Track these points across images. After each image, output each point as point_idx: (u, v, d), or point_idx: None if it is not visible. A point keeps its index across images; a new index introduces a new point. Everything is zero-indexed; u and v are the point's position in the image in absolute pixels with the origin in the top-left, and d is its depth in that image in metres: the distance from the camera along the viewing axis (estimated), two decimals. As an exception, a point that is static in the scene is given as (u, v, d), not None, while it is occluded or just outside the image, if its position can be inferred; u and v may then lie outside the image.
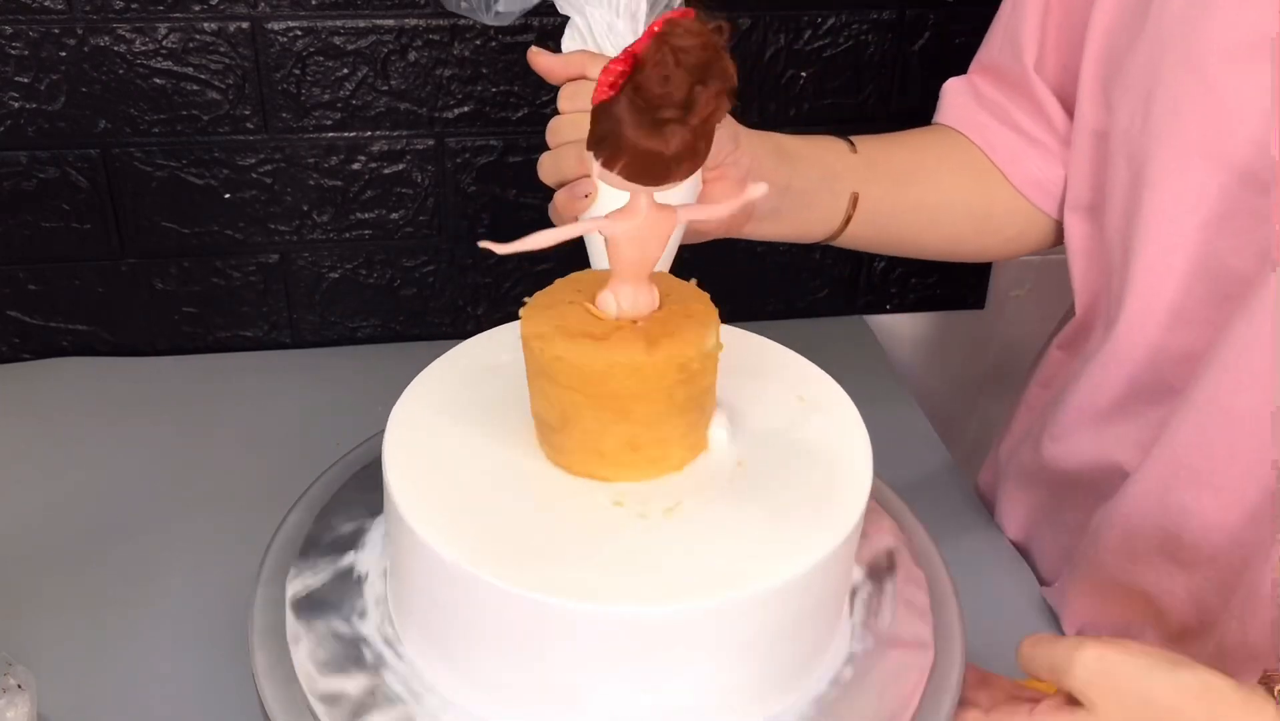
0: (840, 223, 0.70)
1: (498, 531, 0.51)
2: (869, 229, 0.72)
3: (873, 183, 0.71)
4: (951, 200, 0.74)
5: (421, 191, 0.97)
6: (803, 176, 0.68)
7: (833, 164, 0.70)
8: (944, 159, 0.75)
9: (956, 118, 0.77)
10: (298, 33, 0.89)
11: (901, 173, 0.73)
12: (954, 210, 0.75)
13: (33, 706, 0.58)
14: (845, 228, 0.71)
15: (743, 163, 0.63)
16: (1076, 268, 0.74)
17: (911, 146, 0.75)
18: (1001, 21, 0.76)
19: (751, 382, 0.59)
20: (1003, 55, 0.75)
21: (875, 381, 1.01)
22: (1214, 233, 0.63)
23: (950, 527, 0.74)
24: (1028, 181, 0.74)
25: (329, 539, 0.63)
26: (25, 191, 0.91)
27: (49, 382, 0.95)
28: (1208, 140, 0.61)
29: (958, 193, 0.75)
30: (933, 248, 0.77)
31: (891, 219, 0.73)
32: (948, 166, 0.75)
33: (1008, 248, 0.78)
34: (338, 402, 0.89)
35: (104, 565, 0.77)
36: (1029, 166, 0.74)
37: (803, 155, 0.68)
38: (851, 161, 0.71)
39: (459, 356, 0.62)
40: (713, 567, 0.50)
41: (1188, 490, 0.65)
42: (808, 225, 0.70)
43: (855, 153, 0.71)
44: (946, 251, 0.78)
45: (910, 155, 0.75)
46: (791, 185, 0.67)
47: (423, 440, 0.56)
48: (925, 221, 0.74)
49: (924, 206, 0.74)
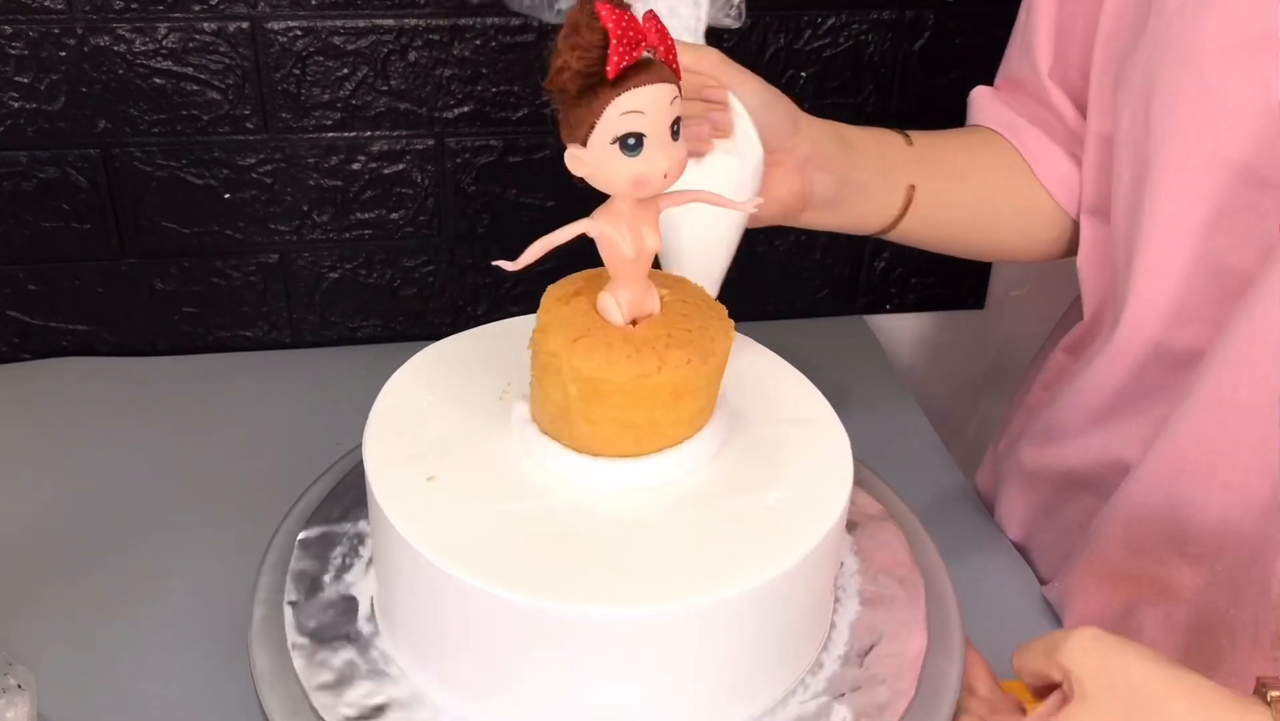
0: (896, 214, 0.71)
1: (481, 534, 0.51)
2: (923, 224, 0.72)
3: (928, 177, 0.71)
4: (1001, 200, 0.75)
5: (421, 191, 0.97)
6: (861, 167, 0.68)
7: (891, 156, 0.70)
8: (991, 158, 0.76)
9: (990, 118, 0.77)
10: (298, 33, 0.89)
11: (955, 169, 0.74)
12: (1003, 210, 0.75)
13: (33, 706, 0.58)
14: (900, 220, 0.71)
15: (801, 149, 0.64)
16: (1086, 272, 0.74)
17: (962, 144, 0.76)
18: (1018, 33, 0.77)
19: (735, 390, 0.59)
20: (1020, 67, 0.76)
21: (875, 381, 1.01)
22: (1214, 230, 0.63)
23: (950, 527, 0.74)
24: (1053, 180, 0.74)
25: (328, 539, 0.63)
26: (25, 191, 0.91)
27: (49, 382, 0.95)
28: (1206, 138, 0.61)
29: (1006, 192, 0.75)
30: (982, 247, 0.77)
31: (945, 213, 0.73)
32: (995, 165, 0.75)
33: (1045, 250, 0.78)
34: (338, 402, 0.88)
35: (104, 565, 0.77)
36: (1055, 166, 0.74)
37: (861, 144, 0.69)
38: (908, 154, 0.71)
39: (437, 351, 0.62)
40: (694, 570, 0.50)
41: (1192, 484, 0.65)
42: (864, 216, 0.70)
43: (910, 145, 0.72)
44: (993, 251, 0.78)
45: (963, 153, 0.75)
46: (850, 175, 0.67)
47: (404, 437, 0.56)
48: (976, 218, 0.75)
49: (977, 203, 0.74)
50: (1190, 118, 0.62)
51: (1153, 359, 0.68)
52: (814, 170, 0.65)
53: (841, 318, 1.10)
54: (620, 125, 0.47)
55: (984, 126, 0.77)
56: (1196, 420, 0.64)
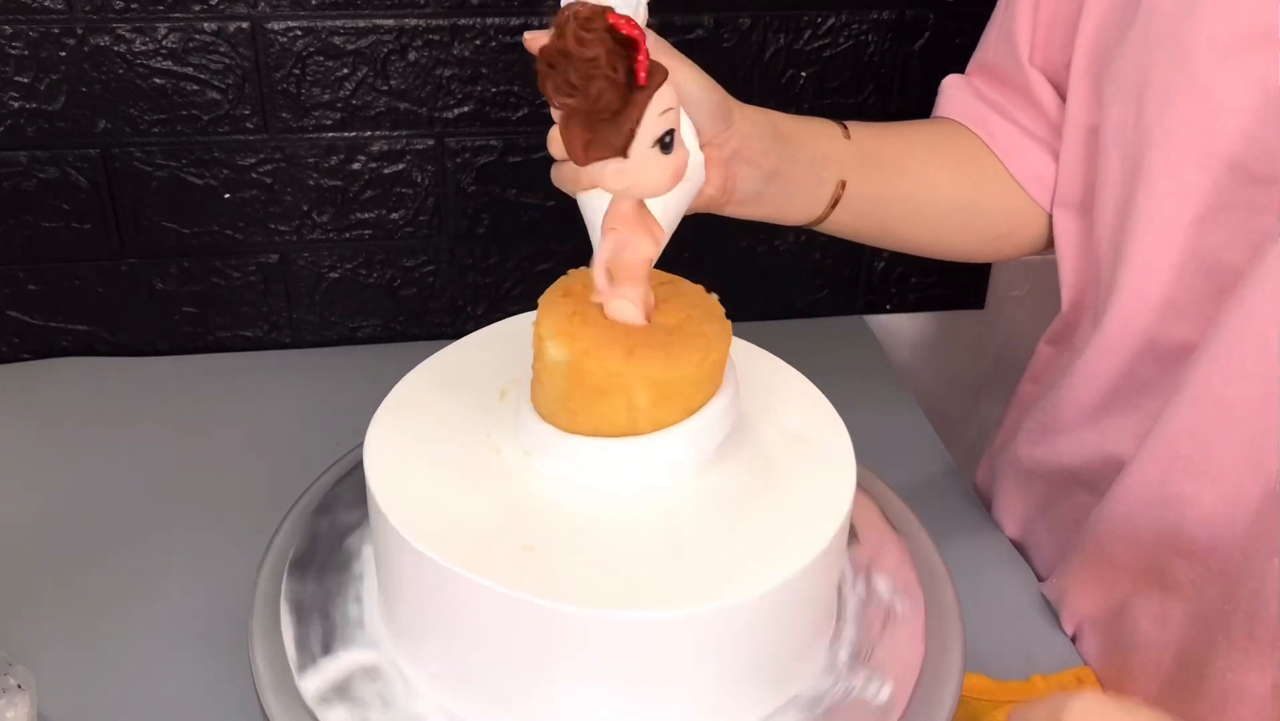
0: (824, 208, 0.69)
1: (482, 533, 0.51)
2: (852, 216, 0.71)
3: (861, 170, 0.70)
4: (939, 193, 0.74)
5: (421, 191, 0.97)
6: (792, 160, 0.67)
7: (825, 149, 0.69)
8: (936, 150, 0.75)
9: (957, 110, 0.76)
10: (298, 33, 0.89)
11: (891, 161, 0.72)
12: (940, 204, 0.74)
13: (33, 706, 0.58)
14: (829, 214, 0.70)
15: (731, 143, 0.63)
16: (1065, 265, 0.74)
17: (904, 136, 0.75)
18: (995, 21, 0.76)
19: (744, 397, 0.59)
20: (998, 54, 0.75)
21: (875, 381, 1.01)
22: (1206, 225, 0.63)
23: (949, 526, 0.74)
24: (1027, 174, 0.74)
25: (328, 539, 0.63)
26: (25, 191, 0.91)
27: (49, 383, 0.95)
28: (1199, 134, 0.61)
29: (946, 185, 0.74)
30: (916, 241, 0.76)
31: (876, 206, 0.72)
32: (939, 158, 0.74)
33: (995, 246, 0.77)
34: (338, 403, 0.89)
35: (104, 565, 0.77)
36: (1028, 159, 0.74)
37: (796, 137, 0.67)
38: (844, 148, 0.70)
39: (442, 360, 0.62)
40: (699, 574, 0.50)
41: (1185, 480, 0.65)
42: (792, 209, 0.69)
43: (848, 139, 0.70)
44: (930, 246, 0.77)
45: (902, 144, 0.74)
46: (780, 170, 0.66)
47: (406, 441, 0.56)
48: (910, 212, 0.73)
49: (910, 197, 0.73)
50: (1183, 113, 0.62)
51: (1144, 354, 0.69)
52: (740, 164, 0.64)
53: (841, 317, 1.10)
54: (660, 125, 0.46)
55: (948, 119, 0.77)
56: (1188, 415, 0.64)
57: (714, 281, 0.56)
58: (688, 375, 0.52)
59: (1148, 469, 0.67)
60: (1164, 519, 0.67)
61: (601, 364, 0.51)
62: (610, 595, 0.49)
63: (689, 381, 0.52)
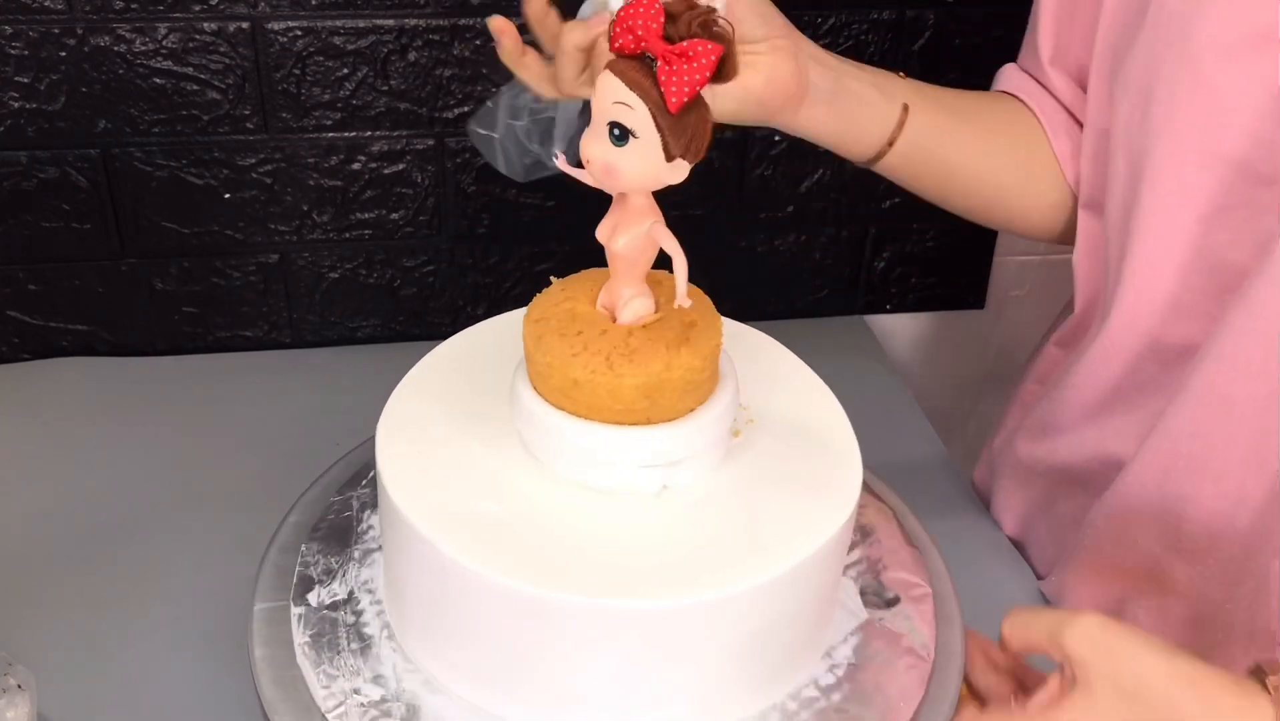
0: (892, 129, 0.68)
1: (491, 526, 0.51)
2: (918, 152, 0.70)
3: (924, 104, 0.70)
4: (998, 147, 0.73)
5: (421, 191, 0.97)
6: (857, 78, 0.67)
7: (887, 79, 0.69)
8: (992, 111, 0.74)
9: (1014, 85, 0.76)
10: (298, 33, 0.89)
11: (951, 108, 0.72)
12: (1000, 158, 0.73)
13: (33, 706, 0.58)
14: (898, 138, 0.69)
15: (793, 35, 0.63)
16: (1081, 266, 0.74)
17: (960, 94, 0.75)
18: (1030, 27, 0.76)
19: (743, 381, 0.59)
20: (1026, 56, 0.76)
21: (875, 381, 1.01)
22: (1211, 225, 0.63)
23: (949, 525, 0.74)
24: (1065, 154, 0.74)
25: (329, 539, 0.63)
26: (25, 191, 0.91)
27: (49, 382, 0.95)
28: (1204, 134, 0.62)
29: (1004, 141, 0.73)
30: (976, 195, 0.75)
31: (940, 145, 0.71)
32: (995, 118, 0.74)
33: (1044, 218, 0.76)
34: (338, 402, 0.89)
35: (104, 565, 0.77)
36: (1064, 142, 0.74)
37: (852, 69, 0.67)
38: (904, 85, 0.70)
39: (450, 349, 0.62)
40: (703, 563, 0.51)
41: (1186, 479, 0.65)
42: (860, 125, 0.68)
43: (906, 80, 0.71)
44: (987, 203, 0.75)
45: (959, 99, 0.74)
46: (845, 77, 0.66)
47: (415, 436, 0.56)
48: (972, 159, 0.73)
49: (973, 145, 0.72)
50: (1189, 113, 0.62)
51: (1147, 353, 0.69)
52: (810, 62, 0.64)
53: (841, 317, 1.11)
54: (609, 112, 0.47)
55: (1003, 93, 0.77)
56: (1191, 414, 0.64)
57: (714, 281, 0.56)
58: (686, 370, 0.52)
59: (1148, 468, 0.67)
60: (1164, 518, 0.67)
61: (592, 374, 0.51)
62: (616, 585, 0.49)
63: (688, 374, 0.52)
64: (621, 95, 0.46)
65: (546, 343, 0.52)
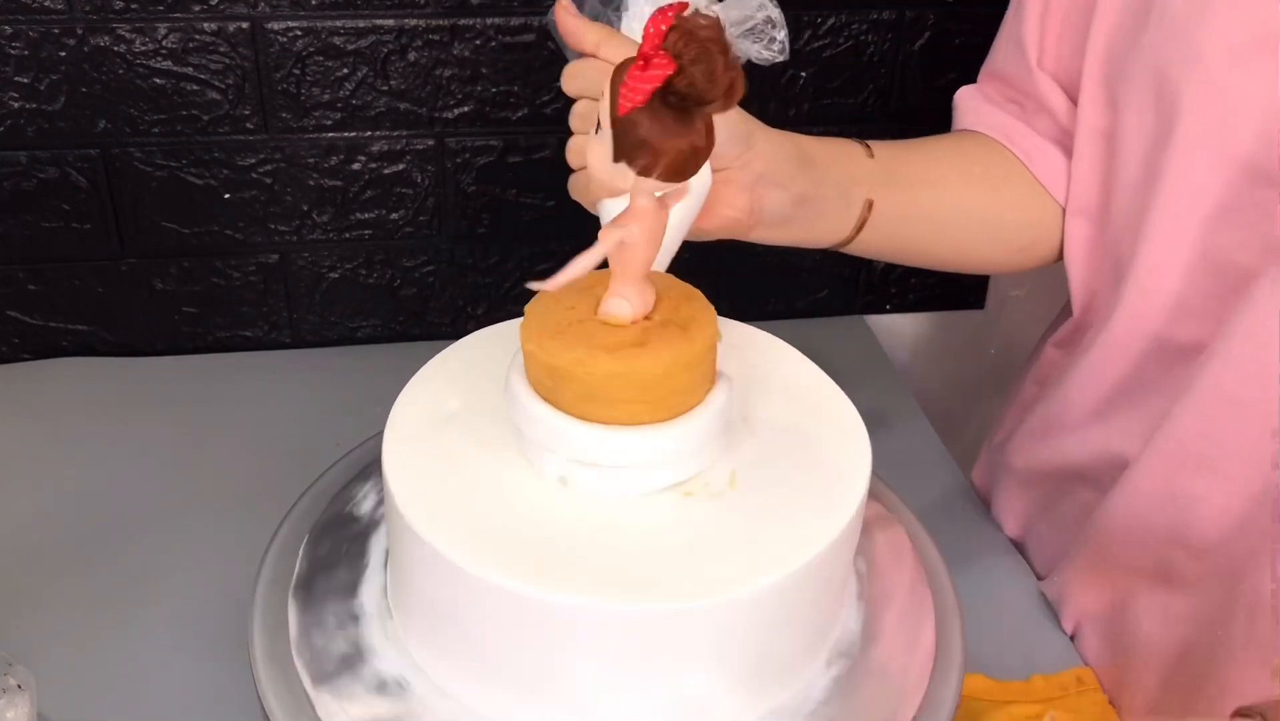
0: (852, 230, 0.69)
1: (497, 530, 0.51)
2: (880, 236, 0.70)
3: (887, 189, 0.70)
4: (964, 207, 0.74)
5: (421, 191, 0.97)
6: (819, 182, 0.66)
7: (851, 170, 0.69)
8: (958, 164, 0.75)
9: (974, 120, 0.76)
10: (298, 33, 0.89)
11: (916, 180, 0.72)
12: (965, 218, 0.74)
13: (33, 706, 0.58)
14: (856, 235, 0.69)
15: (755, 166, 0.62)
16: (1075, 272, 0.74)
17: (926, 152, 0.75)
18: (1005, 29, 0.76)
19: (747, 379, 0.59)
20: (1007, 61, 0.75)
21: (875, 381, 1.01)
22: (1218, 226, 0.63)
23: (949, 526, 0.74)
24: (1048, 176, 0.74)
25: (329, 538, 0.63)
26: (25, 191, 0.91)
27: (49, 383, 0.95)
28: (1212, 135, 0.62)
29: (970, 199, 0.74)
30: (942, 256, 0.76)
31: (902, 225, 0.71)
32: (961, 172, 0.74)
33: (1019, 259, 0.77)
34: (338, 402, 0.89)
35: (104, 565, 0.77)
36: (1048, 160, 0.74)
37: (821, 159, 0.67)
38: (869, 168, 0.70)
39: (455, 354, 0.62)
40: (709, 566, 0.50)
41: (1195, 477, 0.65)
42: (819, 233, 0.68)
43: (872, 158, 0.70)
44: (956, 261, 0.77)
45: (925, 161, 0.74)
46: (807, 193, 0.65)
47: (422, 439, 0.56)
48: (936, 229, 0.74)
49: (936, 214, 0.73)
50: (1198, 116, 0.62)
51: (1152, 353, 0.69)
52: (767, 188, 0.63)
53: (841, 317, 1.11)
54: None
55: (967, 131, 0.77)
56: (1198, 414, 0.64)
57: (714, 281, 0.56)
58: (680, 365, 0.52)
59: (1154, 466, 0.67)
60: (1171, 516, 0.67)
61: (589, 370, 0.51)
62: (620, 589, 0.49)
63: (683, 371, 0.52)
64: (605, 85, 0.47)
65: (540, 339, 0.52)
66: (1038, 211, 0.75)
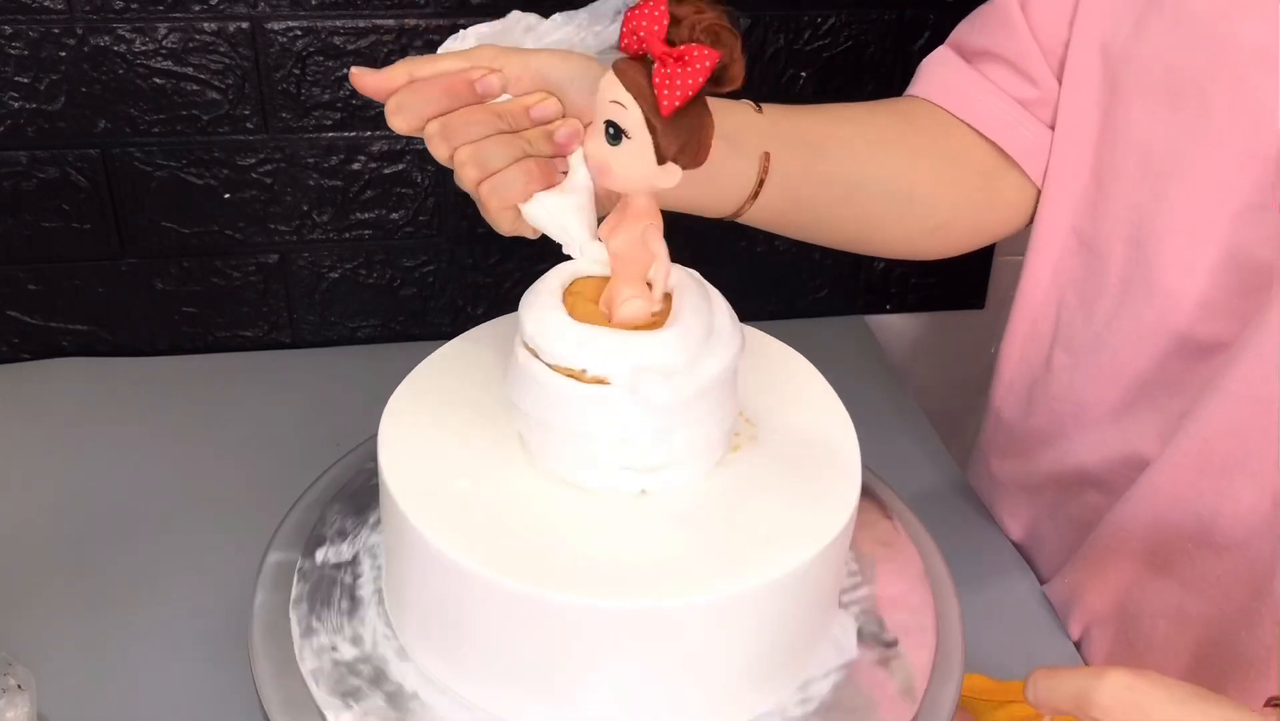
0: (752, 187, 0.65)
1: (493, 527, 0.51)
2: (783, 199, 0.66)
3: (783, 148, 0.66)
4: (867, 176, 0.70)
5: (421, 191, 0.97)
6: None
7: (738, 121, 0.64)
8: (863, 132, 0.71)
9: (925, 87, 0.73)
10: (298, 33, 0.89)
11: (814, 141, 0.68)
12: (870, 188, 0.70)
13: (33, 706, 0.58)
14: (757, 195, 0.65)
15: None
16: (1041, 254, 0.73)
17: (824, 116, 0.71)
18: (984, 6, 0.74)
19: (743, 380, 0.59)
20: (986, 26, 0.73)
21: (875, 381, 1.01)
22: (1244, 224, 0.63)
23: (950, 526, 0.74)
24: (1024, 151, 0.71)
25: (329, 538, 0.63)
26: (25, 191, 0.91)
27: (49, 383, 0.95)
28: (1243, 135, 0.61)
29: (875, 168, 0.70)
30: (846, 232, 0.72)
31: (804, 188, 0.67)
32: (867, 141, 0.70)
33: (927, 242, 0.74)
34: (338, 402, 0.89)
35: (104, 565, 0.77)
36: (1020, 133, 0.71)
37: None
38: (758, 122, 0.66)
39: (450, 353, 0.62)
40: (707, 566, 0.50)
41: (1222, 476, 0.64)
42: (715, 190, 0.64)
43: (760, 113, 0.66)
44: (860, 237, 0.73)
45: (822, 124, 0.70)
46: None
47: (417, 436, 0.56)
48: (839, 197, 0.69)
49: (839, 177, 0.69)
50: (1227, 114, 0.61)
51: (1175, 352, 0.68)
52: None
53: (841, 317, 1.11)
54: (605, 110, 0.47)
55: (908, 98, 0.74)
56: (1226, 412, 0.63)
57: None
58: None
59: (1178, 466, 0.66)
60: (1193, 515, 0.66)
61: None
62: (619, 588, 0.49)
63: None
64: (618, 95, 0.46)
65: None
66: (956, 189, 0.72)
